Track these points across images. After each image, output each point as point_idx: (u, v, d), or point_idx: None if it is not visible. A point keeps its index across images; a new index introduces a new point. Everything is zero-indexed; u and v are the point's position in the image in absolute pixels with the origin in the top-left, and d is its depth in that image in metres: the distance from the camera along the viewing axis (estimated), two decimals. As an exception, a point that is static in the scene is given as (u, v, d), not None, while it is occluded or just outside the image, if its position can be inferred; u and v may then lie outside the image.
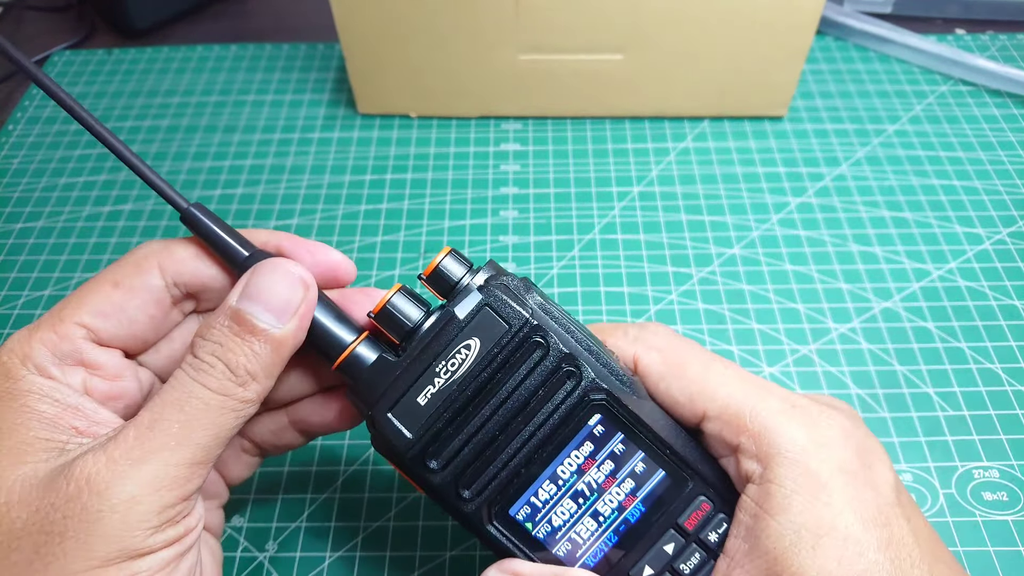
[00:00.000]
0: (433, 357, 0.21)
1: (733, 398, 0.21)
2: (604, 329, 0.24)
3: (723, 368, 0.22)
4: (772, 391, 0.21)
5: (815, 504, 0.19)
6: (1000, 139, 0.44)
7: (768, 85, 0.44)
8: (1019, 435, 0.32)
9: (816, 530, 0.19)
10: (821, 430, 0.20)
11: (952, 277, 0.38)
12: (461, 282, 0.22)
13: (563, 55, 0.42)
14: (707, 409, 0.21)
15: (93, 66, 0.52)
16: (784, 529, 0.19)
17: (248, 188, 0.43)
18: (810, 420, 0.21)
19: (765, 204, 0.41)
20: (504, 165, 0.44)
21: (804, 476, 0.19)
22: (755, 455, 0.20)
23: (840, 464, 0.20)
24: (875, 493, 0.20)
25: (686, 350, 0.22)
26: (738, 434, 0.21)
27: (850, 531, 0.19)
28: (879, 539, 0.19)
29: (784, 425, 0.20)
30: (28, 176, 0.44)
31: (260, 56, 0.52)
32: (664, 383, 0.22)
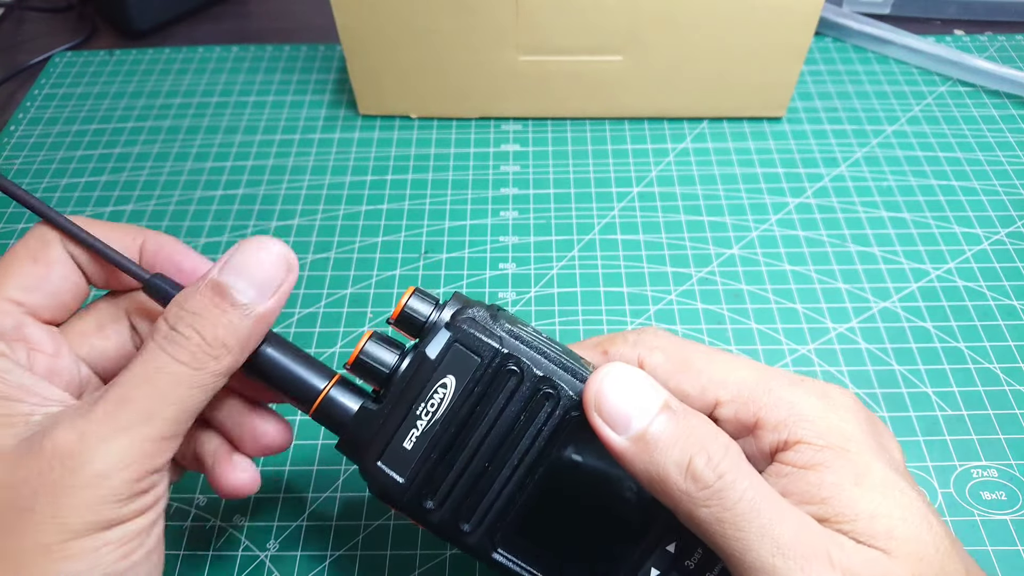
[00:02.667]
0: (412, 400, 0.21)
1: (744, 381, 0.21)
2: (603, 340, 0.24)
3: (727, 357, 0.22)
4: (778, 371, 0.22)
5: (847, 454, 0.19)
6: (998, 140, 0.45)
7: (767, 86, 0.44)
8: (1017, 435, 0.32)
9: (855, 471, 0.19)
10: (834, 398, 0.21)
11: (950, 277, 0.38)
12: (429, 320, 0.22)
13: (563, 56, 0.43)
14: (719, 396, 0.21)
15: (94, 67, 0.52)
16: (823, 477, 0.19)
17: (249, 189, 0.43)
18: (821, 390, 0.21)
19: (764, 204, 0.41)
20: (504, 166, 0.44)
21: (830, 432, 0.20)
22: (775, 426, 0.20)
23: (858, 426, 0.20)
24: (890, 456, 0.20)
25: (688, 346, 0.23)
26: (755, 412, 0.21)
27: (886, 474, 0.19)
28: (910, 484, 0.20)
29: (800, 394, 0.21)
30: (30, 177, 0.44)
31: (261, 57, 0.52)
32: (673, 380, 0.22)
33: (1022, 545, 0.29)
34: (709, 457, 0.19)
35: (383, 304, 0.37)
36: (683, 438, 0.19)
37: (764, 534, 0.18)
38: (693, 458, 0.19)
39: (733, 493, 0.18)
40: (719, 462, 0.18)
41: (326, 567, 0.29)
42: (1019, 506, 0.30)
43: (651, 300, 0.37)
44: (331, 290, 0.38)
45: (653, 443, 0.19)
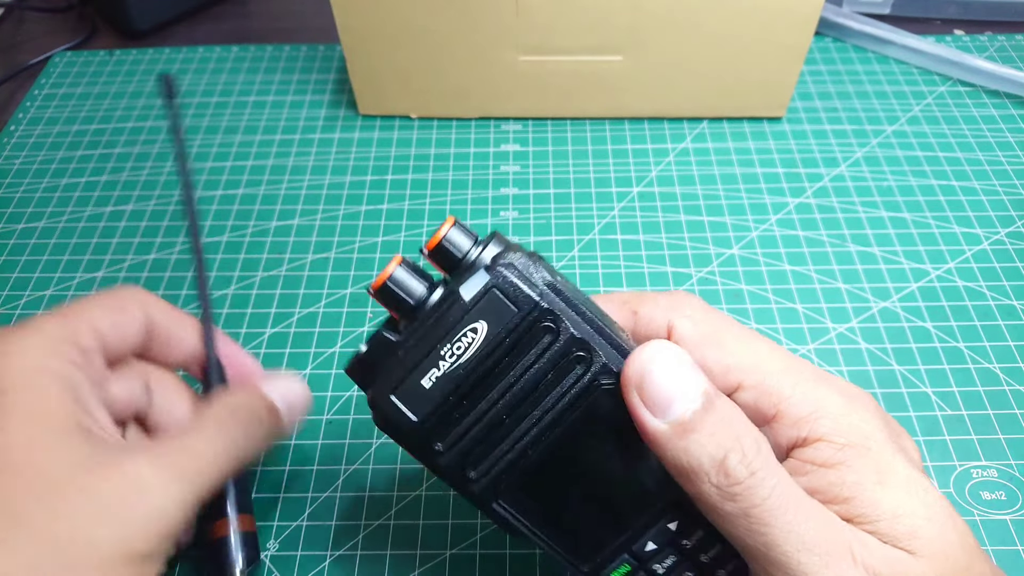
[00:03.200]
0: (438, 340, 0.20)
1: (771, 370, 0.21)
2: (632, 298, 0.23)
3: (758, 340, 0.22)
4: (805, 365, 0.21)
5: (868, 453, 0.19)
6: (998, 140, 0.45)
7: (767, 86, 0.44)
8: (1017, 435, 0.32)
9: (877, 470, 0.19)
10: (856, 398, 0.21)
11: (950, 277, 0.38)
12: (467, 257, 0.21)
13: (563, 56, 0.43)
14: (743, 380, 0.21)
15: (94, 67, 0.52)
16: (845, 476, 0.19)
17: (249, 189, 0.43)
18: (844, 389, 0.21)
19: (764, 204, 0.41)
20: (504, 166, 0.44)
21: (851, 431, 0.20)
22: (796, 422, 0.20)
23: (880, 426, 0.20)
24: (909, 458, 0.20)
25: (720, 321, 0.22)
26: (777, 404, 0.20)
27: (909, 473, 0.19)
28: (932, 484, 0.20)
29: (824, 391, 0.20)
30: (30, 177, 0.44)
31: (261, 57, 0.52)
32: (699, 352, 0.21)
33: (1022, 545, 0.29)
34: (744, 453, 0.18)
35: (383, 304, 0.37)
36: (720, 430, 0.19)
37: (790, 530, 0.18)
38: (728, 453, 0.18)
39: (762, 490, 0.18)
40: (752, 458, 0.18)
41: (326, 567, 0.29)
42: (1019, 506, 0.30)
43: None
44: (331, 290, 0.38)
45: (690, 432, 0.19)
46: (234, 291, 0.38)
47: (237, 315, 0.37)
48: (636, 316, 0.22)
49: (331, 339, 0.36)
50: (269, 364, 0.35)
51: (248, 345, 0.35)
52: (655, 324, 0.22)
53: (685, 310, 0.22)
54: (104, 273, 0.39)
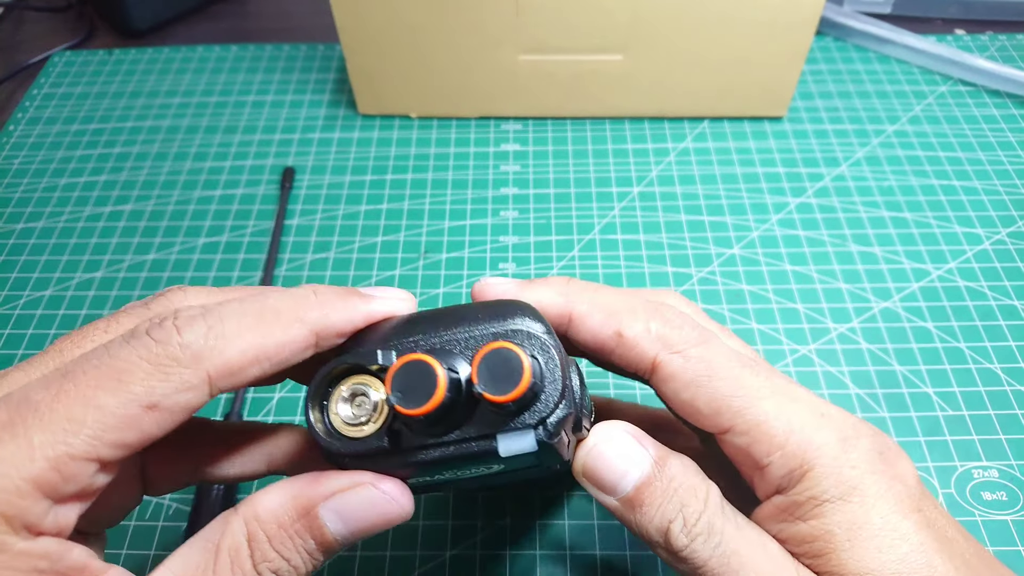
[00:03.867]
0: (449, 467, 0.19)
1: (767, 415, 0.20)
2: (620, 311, 0.21)
3: (752, 378, 0.21)
4: (800, 400, 0.21)
5: (848, 505, 0.19)
6: (999, 139, 0.45)
7: (768, 85, 0.44)
8: (1018, 435, 0.32)
9: (849, 527, 0.19)
10: (849, 437, 0.20)
11: (951, 277, 0.38)
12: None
13: (563, 56, 0.43)
14: (735, 425, 0.20)
15: (93, 67, 0.52)
16: (816, 531, 0.19)
17: (248, 188, 0.43)
18: (838, 428, 0.20)
19: (764, 204, 0.41)
20: (504, 165, 0.44)
21: (837, 485, 0.19)
22: (786, 473, 0.20)
23: (870, 466, 0.20)
24: (904, 485, 0.20)
25: (714, 354, 0.21)
26: (768, 453, 0.20)
27: (887, 521, 0.19)
28: (917, 522, 0.19)
29: (817, 438, 0.20)
30: (29, 176, 0.44)
31: (260, 57, 0.52)
32: (688, 392, 0.20)
33: (1023, 545, 0.29)
34: (684, 521, 0.19)
35: (383, 304, 0.37)
36: (664, 501, 0.20)
37: None
38: (671, 524, 0.19)
39: (704, 552, 0.19)
40: (693, 525, 0.19)
41: (325, 569, 0.29)
42: (1020, 506, 0.30)
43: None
44: (331, 290, 0.38)
45: (637, 507, 0.20)
46: (233, 291, 0.38)
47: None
48: (620, 338, 0.21)
49: (331, 339, 0.36)
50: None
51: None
52: (639, 352, 0.21)
53: (675, 341, 0.21)
54: (103, 273, 0.39)
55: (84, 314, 0.37)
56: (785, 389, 0.21)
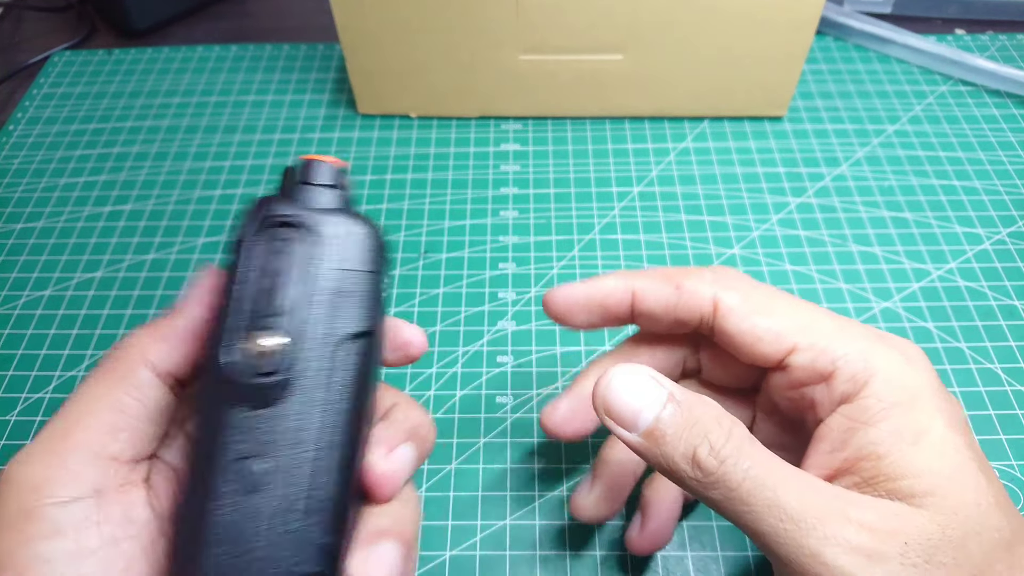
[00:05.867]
0: None
1: (823, 330, 0.22)
2: (677, 273, 0.24)
3: (808, 306, 0.23)
4: (858, 325, 0.23)
5: (912, 412, 0.20)
6: (1000, 139, 0.45)
7: (768, 85, 0.44)
8: (1019, 435, 0.32)
9: (915, 430, 0.20)
10: (909, 354, 0.22)
11: (952, 277, 0.38)
12: None
13: (563, 55, 0.43)
14: (797, 342, 0.22)
15: (93, 66, 0.52)
16: (883, 433, 0.20)
17: (248, 188, 0.43)
18: (897, 346, 0.22)
19: (765, 204, 0.41)
20: (504, 165, 0.44)
21: (900, 390, 0.21)
22: (850, 377, 0.21)
23: (929, 382, 0.21)
24: (956, 408, 0.21)
25: (766, 289, 0.23)
26: (832, 360, 0.22)
27: (945, 432, 0.20)
28: (968, 442, 0.20)
29: (878, 349, 0.22)
30: (28, 176, 0.44)
31: (260, 56, 0.52)
32: (749, 321, 0.23)
33: (1024, 546, 0.29)
34: (711, 446, 0.19)
35: (383, 304, 0.37)
36: (687, 429, 0.20)
37: (770, 505, 0.19)
38: (697, 449, 0.19)
39: (736, 475, 0.19)
40: (720, 448, 0.19)
41: (325, 568, 0.29)
42: (1020, 506, 0.30)
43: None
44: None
45: (660, 438, 0.20)
46: (233, 291, 0.38)
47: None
48: (680, 290, 0.23)
49: (330, 339, 0.36)
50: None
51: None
52: (699, 297, 0.23)
53: (732, 282, 0.23)
54: (103, 273, 0.39)
55: (83, 314, 0.37)
56: (840, 317, 0.23)
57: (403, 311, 0.37)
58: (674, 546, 0.29)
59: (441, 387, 0.34)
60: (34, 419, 0.33)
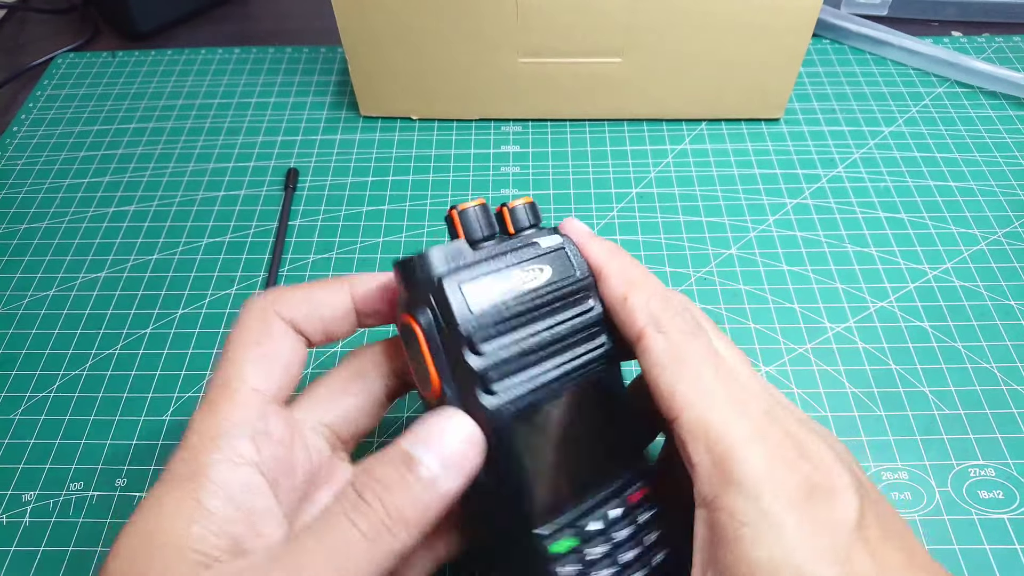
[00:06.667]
0: (513, 263, 0.23)
1: (705, 414, 0.20)
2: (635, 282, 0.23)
3: (713, 376, 0.21)
4: (750, 412, 0.20)
5: (767, 539, 0.18)
6: (996, 140, 0.45)
7: (765, 88, 0.44)
8: (1015, 434, 0.32)
9: (768, 566, 0.18)
10: (784, 462, 0.20)
11: (948, 277, 0.38)
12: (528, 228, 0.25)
13: (562, 58, 0.43)
14: (680, 414, 0.21)
15: (97, 68, 0.52)
16: (738, 562, 0.19)
17: (251, 190, 0.43)
18: (774, 450, 0.20)
19: (762, 205, 0.42)
20: (504, 167, 0.44)
21: (755, 511, 0.19)
22: (710, 479, 0.20)
23: (794, 500, 0.19)
24: (832, 530, 0.19)
25: (692, 346, 0.22)
26: (697, 453, 0.20)
27: (803, 568, 0.18)
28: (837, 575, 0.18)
29: (745, 453, 0.19)
30: (32, 177, 0.45)
31: (263, 59, 0.52)
32: (656, 371, 0.21)
33: (1019, 544, 0.29)
34: None
35: (384, 304, 0.37)
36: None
37: None
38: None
39: None
40: None
41: (327, 565, 0.29)
42: (1016, 505, 0.30)
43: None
44: (332, 290, 0.38)
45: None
46: (235, 291, 0.38)
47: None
48: (624, 303, 0.23)
49: (332, 339, 0.36)
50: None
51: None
52: (633, 319, 0.22)
53: (665, 323, 0.22)
54: (107, 274, 0.39)
55: (88, 314, 0.38)
56: (740, 395, 0.21)
57: (404, 311, 0.37)
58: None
59: (441, 386, 0.34)
60: (38, 418, 0.34)
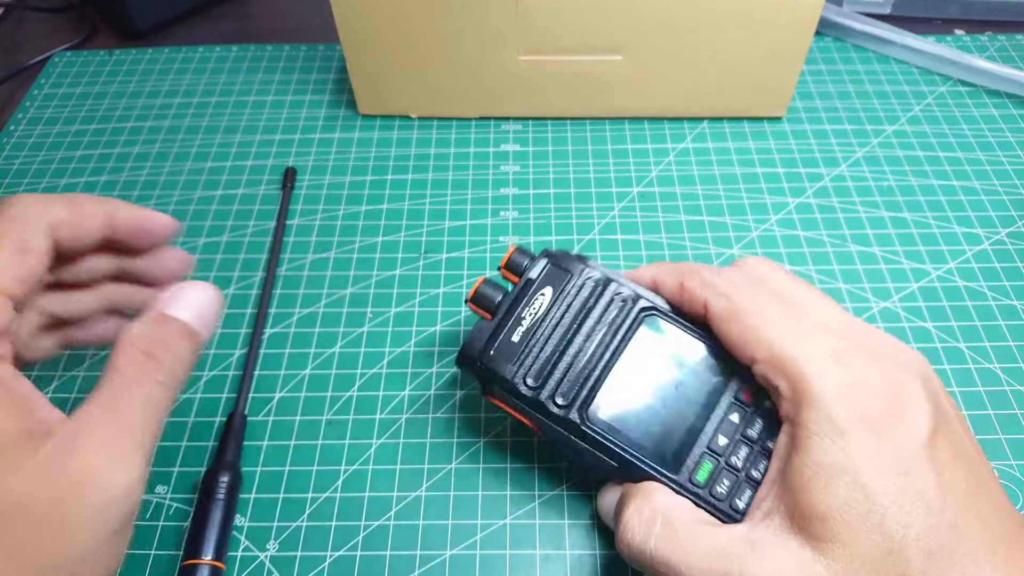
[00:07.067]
0: (518, 308, 0.28)
1: (778, 346, 0.23)
2: (684, 270, 0.27)
3: (779, 315, 0.24)
4: (822, 339, 0.23)
5: (832, 448, 0.21)
6: (999, 139, 0.45)
7: (767, 86, 0.44)
8: (1018, 435, 0.32)
9: (830, 470, 0.21)
10: (854, 380, 0.22)
11: (951, 277, 0.38)
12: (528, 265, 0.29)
13: (563, 56, 0.43)
14: (755, 354, 0.24)
15: (94, 67, 0.52)
16: (804, 466, 0.21)
17: (249, 189, 0.43)
18: (845, 370, 0.22)
19: (764, 204, 0.41)
20: (504, 166, 0.44)
21: (825, 422, 0.21)
22: (790, 398, 0.23)
23: (862, 414, 0.21)
24: (896, 444, 0.21)
25: (752, 297, 0.25)
26: (777, 379, 0.23)
27: (860, 477, 0.20)
28: (894, 487, 0.20)
29: (817, 374, 0.22)
30: (29, 177, 0.44)
31: (261, 57, 0.52)
32: (725, 326, 0.25)
33: (1023, 545, 0.29)
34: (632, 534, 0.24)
35: (383, 304, 0.37)
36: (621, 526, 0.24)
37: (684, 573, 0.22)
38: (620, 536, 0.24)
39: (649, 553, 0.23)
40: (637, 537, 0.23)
41: (326, 567, 0.29)
42: (1019, 505, 0.30)
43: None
44: (331, 290, 0.38)
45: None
46: (234, 291, 0.38)
47: (237, 315, 0.37)
48: (682, 288, 0.27)
49: (331, 339, 0.36)
50: (268, 366, 0.35)
51: (248, 345, 0.35)
52: (694, 295, 0.26)
53: (722, 287, 0.25)
54: (104, 273, 0.39)
55: (85, 314, 0.37)
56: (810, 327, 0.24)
57: (404, 311, 0.37)
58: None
59: (441, 387, 0.34)
60: (35, 419, 0.33)
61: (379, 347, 0.35)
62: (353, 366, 0.35)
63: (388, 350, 0.35)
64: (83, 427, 0.21)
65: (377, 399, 0.34)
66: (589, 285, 0.28)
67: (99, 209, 0.26)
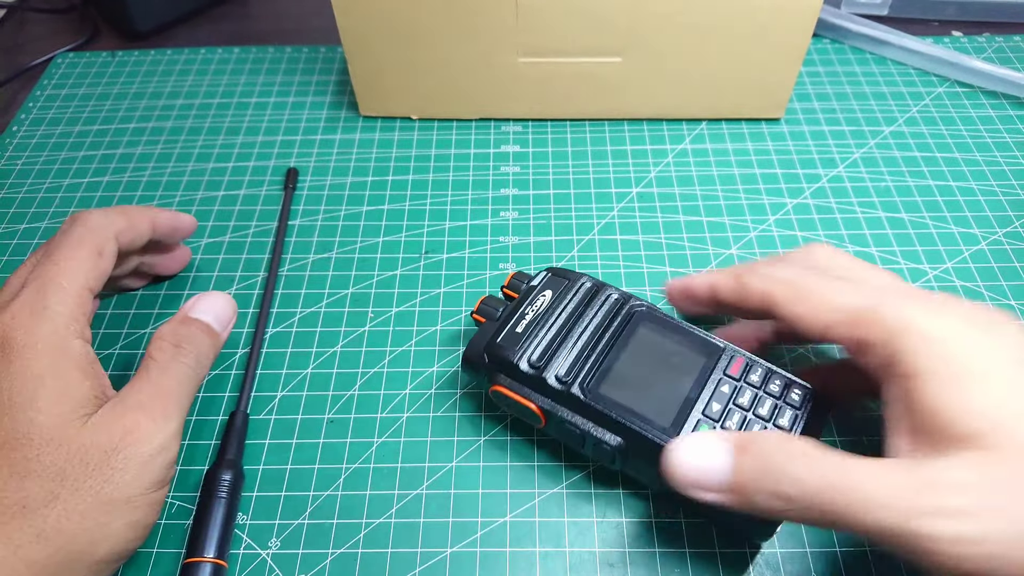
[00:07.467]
0: (521, 305, 0.31)
1: (848, 302, 0.24)
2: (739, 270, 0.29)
3: (841, 283, 0.26)
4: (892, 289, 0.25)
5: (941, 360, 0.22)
6: (996, 140, 0.45)
7: (765, 87, 0.44)
8: (1013, 433, 0.32)
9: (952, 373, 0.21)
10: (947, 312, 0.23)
11: (948, 277, 0.38)
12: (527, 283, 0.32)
13: (562, 58, 0.43)
14: (828, 320, 0.25)
15: (96, 68, 0.52)
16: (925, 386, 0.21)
17: (251, 190, 0.43)
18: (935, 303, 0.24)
19: (762, 205, 0.42)
20: (504, 167, 0.44)
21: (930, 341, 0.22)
22: (882, 343, 0.23)
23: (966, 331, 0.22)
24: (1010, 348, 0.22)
25: (813, 278, 0.26)
26: (862, 333, 0.24)
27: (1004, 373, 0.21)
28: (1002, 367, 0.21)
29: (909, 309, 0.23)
30: (32, 178, 0.45)
31: (262, 59, 0.52)
32: (790, 306, 0.26)
33: (1018, 543, 0.29)
34: (792, 479, 0.21)
35: (384, 304, 0.37)
36: (764, 473, 0.21)
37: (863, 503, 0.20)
38: (781, 488, 0.21)
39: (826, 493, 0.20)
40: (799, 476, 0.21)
41: (327, 565, 0.29)
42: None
43: (650, 300, 0.37)
44: (332, 290, 0.38)
45: (743, 490, 0.22)
46: (236, 291, 0.38)
47: (240, 315, 0.37)
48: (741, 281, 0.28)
49: (333, 339, 0.36)
50: (270, 365, 0.35)
51: (250, 344, 0.36)
52: (752, 290, 0.27)
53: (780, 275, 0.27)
54: (107, 273, 0.39)
55: (88, 314, 0.37)
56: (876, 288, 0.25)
57: (404, 311, 0.37)
58: (667, 544, 0.29)
59: (442, 386, 0.34)
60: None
61: (380, 346, 0.36)
62: (354, 365, 0.35)
63: (389, 349, 0.36)
64: (129, 394, 0.26)
65: (378, 398, 0.34)
66: (586, 286, 0.31)
67: (146, 216, 0.32)
